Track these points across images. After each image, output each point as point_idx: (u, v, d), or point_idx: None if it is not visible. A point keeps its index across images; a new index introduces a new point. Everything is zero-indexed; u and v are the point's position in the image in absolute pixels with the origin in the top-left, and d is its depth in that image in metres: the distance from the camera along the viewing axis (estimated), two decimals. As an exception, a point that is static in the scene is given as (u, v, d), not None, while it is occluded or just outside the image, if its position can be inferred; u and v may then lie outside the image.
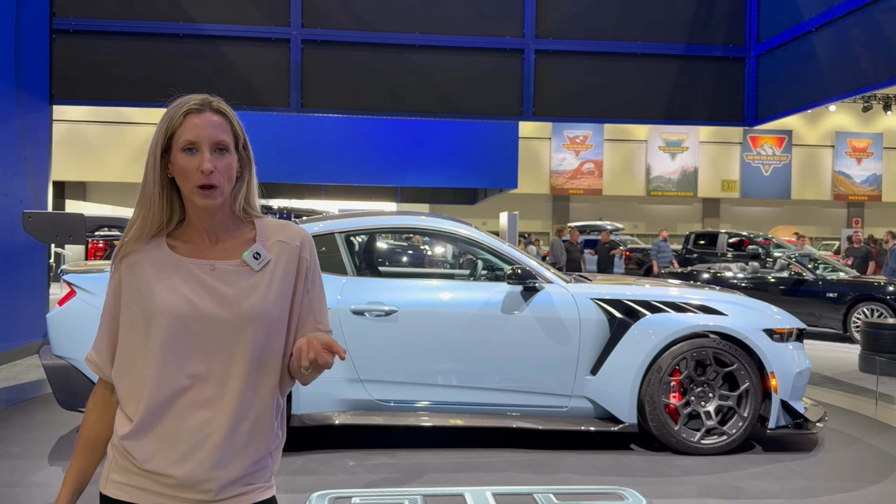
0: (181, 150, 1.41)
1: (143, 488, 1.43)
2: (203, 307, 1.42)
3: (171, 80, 8.35)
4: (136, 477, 1.43)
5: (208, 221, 1.47)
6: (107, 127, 23.88)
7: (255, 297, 1.44)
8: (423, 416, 4.63)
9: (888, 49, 6.87)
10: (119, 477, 1.45)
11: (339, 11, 8.56)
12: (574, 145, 29.28)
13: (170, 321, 1.41)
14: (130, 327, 1.45)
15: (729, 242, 17.97)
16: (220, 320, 1.42)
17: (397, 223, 5.55)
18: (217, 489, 1.42)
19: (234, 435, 1.43)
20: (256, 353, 1.44)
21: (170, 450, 1.41)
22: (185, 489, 1.42)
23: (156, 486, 1.42)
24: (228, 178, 1.44)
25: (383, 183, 16.30)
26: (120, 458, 1.45)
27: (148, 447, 1.42)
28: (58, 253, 15.02)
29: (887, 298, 10.05)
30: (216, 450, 1.42)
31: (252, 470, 1.46)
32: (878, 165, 30.53)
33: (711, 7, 9.01)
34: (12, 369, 7.18)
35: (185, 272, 1.44)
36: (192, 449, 1.41)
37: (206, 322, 1.42)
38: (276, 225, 1.54)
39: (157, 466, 1.41)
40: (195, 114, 1.43)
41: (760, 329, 4.75)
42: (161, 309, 1.42)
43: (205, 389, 1.42)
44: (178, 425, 1.42)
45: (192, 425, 1.42)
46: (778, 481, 4.25)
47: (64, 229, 4.80)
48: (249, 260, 1.46)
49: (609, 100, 9.09)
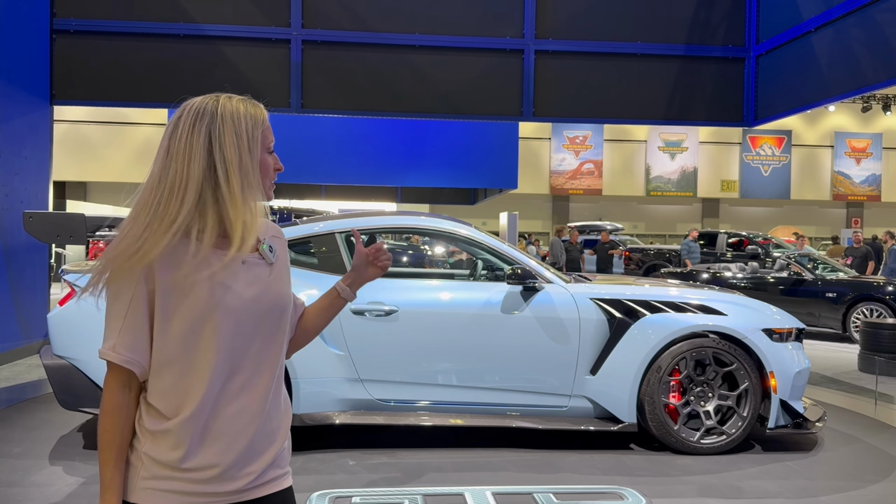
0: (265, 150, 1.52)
1: (177, 491, 1.40)
2: (246, 297, 1.45)
3: (171, 81, 8.36)
4: (169, 481, 1.41)
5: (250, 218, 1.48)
6: (107, 127, 23.89)
7: (282, 285, 1.54)
8: (423, 416, 4.63)
9: (888, 49, 6.88)
10: (150, 483, 1.41)
11: (339, 11, 8.57)
12: (574, 145, 29.28)
13: (218, 314, 1.41)
14: (167, 322, 1.40)
15: (728, 242, 17.98)
16: (267, 310, 1.48)
17: (397, 223, 5.55)
18: (256, 476, 1.45)
19: (268, 420, 1.48)
20: (282, 340, 1.53)
21: (213, 443, 1.42)
22: (224, 482, 1.42)
23: (193, 486, 1.41)
24: None
25: (383, 183, 16.31)
26: (150, 462, 1.41)
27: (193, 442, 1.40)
28: (58, 253, 15.03)
29: (886, 298, 10.06)
30: (255, 437, 1.45)
31: (281, 454, 1.52)
32: (877, 165, 30.54)
33: (711, 7, 9.01)
34: (13, 369, 7.18)
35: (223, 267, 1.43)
36: (233, 440, 1.43)
37: (247, 312, 1.45)
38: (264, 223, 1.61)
39: (201, 461, 1.41)
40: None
41: (760, 329, 4.76)
42: (215, 304, 1.41)
43: (243, 379, 1.45)
44: (220, 418, 1.43)
45: (232, 416, 1.43)
46: (777, 481, 4.25)
47: (64, 229, 4.81)
48: (266, 253, 1.53)
49: (609, 100, 9.10)
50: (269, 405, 1.48)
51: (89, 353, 4.26)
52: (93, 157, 23.74)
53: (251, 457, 1.45)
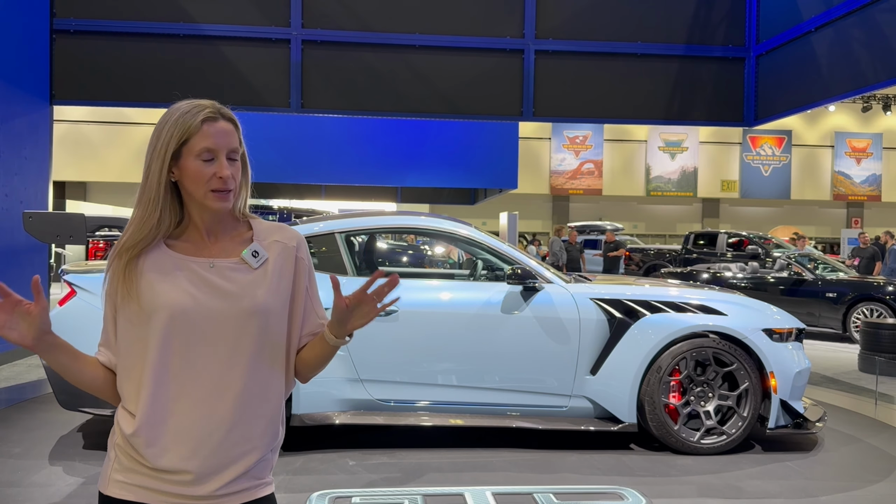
0: (196, 157, 1.45)
1: (148, 487, 1.43)
2: (204, 301, 1.45)
3: (172, 81, 8.36)
4: (141, 476, 1.44)
5: (211, 223, 1.51)
6: (107, 127, 23.88)
7: (255, 292, 1.48)
8: (423, 416, 4.63)
9: (888, 49, 6.88)
10: (123, 476, 1.45)
11: (339, 11, 8.57)
12: (574, 145, 29.28)
13: (171, 316, 1.43)
14: (130, 325, 1.46)
15: (728, 242, 17.96)
16: (222, 315, 1.45)
17: (397, 223, 5.55)
18: (225, 484, 1.44)
19: (240, 430, 1.45)
20: (258, 349, 1.48)
21: (178, 447, 1.42)
22: (191, 485, 1.42)
23: (162, 485, 1.43)
24: (236, 183, 1.50)
25: (383, 183, 16.31)
26: (124, 457, 1.45)
27: (156, 444, 1.42)
28: (58, 253, 15.03)
29: (887, 298, 10.05)
30: (223, 444, 1.44)
31: (257, 465, 1.48)
32: (877, 165, 30.53)
33: (711, 7, 9.01)
34: (12, 369, 7.18)
35: (185, 269, 1.47)
36: (199, 444, 1.42)
37: (207, 316, 1.44)
38: (272, 226, 1.59)
39: (167, 463, 1.41)
40: (211, 122, 1.46)
41: (760, 329, 4.76)
42: (162, 304, 1.43)
43: (209, 384, 1.44)
44: (184, 421, 1.43)
45: (198, 421, 1.43)
46: (777, 481, 4.25)
47: (64, 229, 4.81)
48: (248, 258, 1.50)
49: (609, 100, 9.10)
50: (247, 413, 1.45)
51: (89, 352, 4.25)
52: (93, 157, 23.73)
53: (222, 463, 1.43)
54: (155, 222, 1.46)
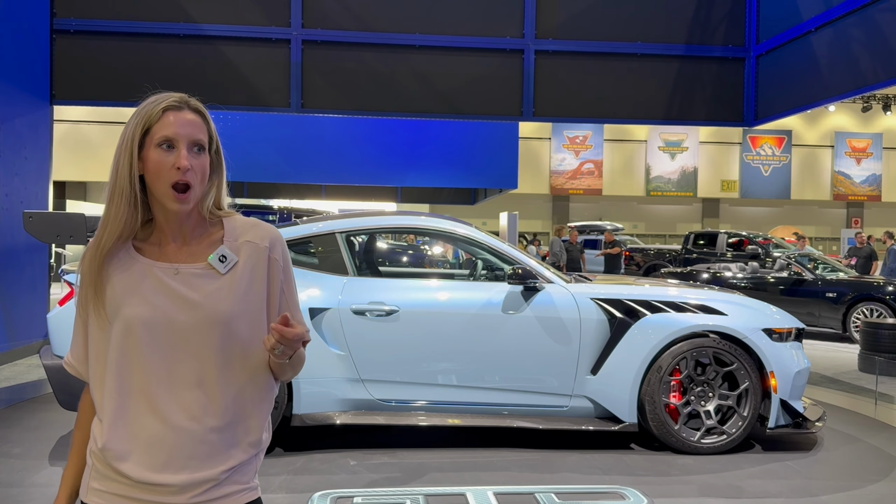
0: (156, 146, 1.39)
1: (122, 495, 1.40)
2: (166, 311, 1.40)
3: (172, 81, 8.35)
4: (116, 484, 1.41)
5: (176, 224, 1.46)
6: (107, 127, 23.87)
7: (220, 300, 1.42)
8: (423, 416, 4.63)
9: (888, 49, 6.88)
10: (99, 484, 1.43)
11: (339, 11, 8.57)
12: (574, 145, 29.28)
13: (130, 327, 1.39)
14: (100, 332, 1.43)
15: (728, 242, 17.97)
16: (184, 325, 1.40)
17: (397, 223, 5.55)
18: (203, 491, 1.40)
19: (215, 438, 1.42)
20: (225, 357, 1.42)
21: (149, 458, 1.39)
22: (171, 494, 1.39)
23: (139, 493, 1.40)
24: (201, 180, 1.43)
25: (383, 183, 16.32)
26: (100, 465, 1.42)
27: (127, 458, 1.39)
28: (58, 253, 15.03)
29: (886, 298, 10.06)
30: (196, 454, 1.40)
31: (234, 473, 1.44)
32: (877, 165, 30.54)
33: (711, 7, 9.01)
34: (12, 369, 7.18)
35: (150, 276, 1.42)
36: (170, 457, 1.39)
37: (167, 327, 1.40)
38: (245, 224, 1.51)
39: (140, 475, 1.39)
40: (173, 110, 1.41)
41: (760, 329, 4.76)
42: (124, 314, 1.40)
43: (176, 396, 1.40)
44: (154, 433, 1.39)
45: (168, 433, 1.39)
46: (778, 480, 4.25)
47: (64, 229, 4.80)
48: (215, 263, 1.44)
49: (609, 100, 9.09)
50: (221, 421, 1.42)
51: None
52: (93, 157, 23.71)
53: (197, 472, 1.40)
54: (129, 218, 1.41)
